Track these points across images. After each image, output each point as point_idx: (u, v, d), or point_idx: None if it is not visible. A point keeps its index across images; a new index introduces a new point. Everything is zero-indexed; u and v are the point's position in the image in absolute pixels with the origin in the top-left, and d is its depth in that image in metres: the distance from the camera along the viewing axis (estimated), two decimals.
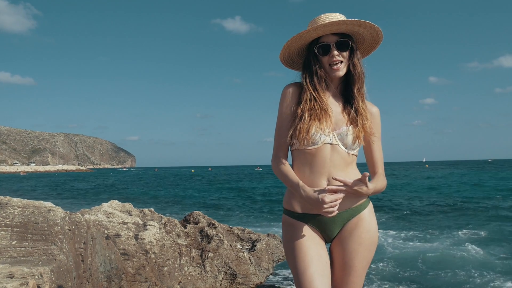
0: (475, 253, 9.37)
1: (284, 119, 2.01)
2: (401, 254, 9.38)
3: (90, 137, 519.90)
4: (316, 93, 1.96)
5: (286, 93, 2.03)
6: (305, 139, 1.90)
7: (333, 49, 1.94)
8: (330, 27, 1.90)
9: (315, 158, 1.93)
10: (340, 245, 1.96)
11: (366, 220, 1.97)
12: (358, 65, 1.99)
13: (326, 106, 1.95)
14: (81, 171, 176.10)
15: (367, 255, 1.95)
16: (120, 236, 4.84)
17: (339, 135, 1.94)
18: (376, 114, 2.07)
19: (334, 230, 1.97)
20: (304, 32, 1.92)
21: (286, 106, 2.01)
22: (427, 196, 24.72)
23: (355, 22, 1.89)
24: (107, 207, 5.55)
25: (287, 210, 2.03)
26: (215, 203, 23.53)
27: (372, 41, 2.03)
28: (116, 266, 4.38)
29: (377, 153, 2.06)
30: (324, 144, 1.92)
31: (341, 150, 1.94)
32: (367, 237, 1.95)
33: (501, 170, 67.75)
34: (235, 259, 5.73)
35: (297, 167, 1.98)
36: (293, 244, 1.93)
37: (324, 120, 1.92)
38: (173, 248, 5.45)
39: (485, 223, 13.61)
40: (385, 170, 2.12)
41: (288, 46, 2.00)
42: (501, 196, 23.31)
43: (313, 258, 1.86)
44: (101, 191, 37.36)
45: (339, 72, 1.96)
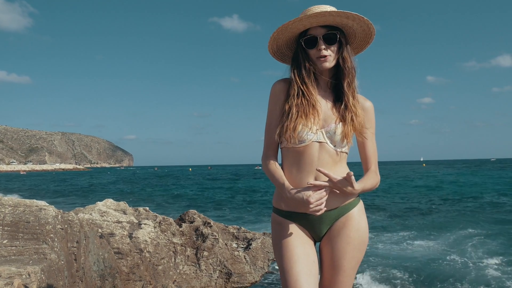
0: (472, 253, 9.38)
1: (273, 116, 1.97)
2: (398, 255, 9.38)
3: (87, 136, 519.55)
4: (304, 87, 1.91)
5: (274, 90, 1.99)
6: (292, 137, 1.86)
7: (320, 42, 1.88)
8: (316, 19, 1.85)
9: (303, 156, 1.89)
10: (328, 244, 1.93)
11: (355, 219, 1.92)
12: (348, 59, 1.93)
13: (314, 102, 1.90)
14: (78, 170, 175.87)
15: (356, 254, 1.91)
16: (114, 235, 4.82)
17: (327, 133, 1.90)
18: (369, 109, 2.02)
19: (322, 229, 1.94)
20: (290, 23, 1.87)
21: (274, 103, 1.98)
22: (423, 195, 24.76)
23: (342, 13, 1.84)
24: (102, 206, 5.52)
25: (275, 208, 2.00)
26: (212, 202, 23.51)
27: (364, 35, 1.98)
28: (110, 265, 4.36)
29: (370, 149, 2.01)
30: (311, 142, 1.88)
31: (329, 148, 1.89)
32: (356, 237, 1.91)
33: (502, 169, 67.95)
34: (230, 258, 5.72)
35: (286, 165, 1.95)
36: (280, 242, 1.90)
37: (312, 117, 1.88)
38: (168, 247, 5.42)
39: (484, 223, 13.63)
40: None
41: (275, 38, 1.95)
42: (499, 194, 23.37)
43: (299, 257, 1.83)
44: (97, 190, 37.30)
45: (326, 64, 1.90)
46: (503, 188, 27.93)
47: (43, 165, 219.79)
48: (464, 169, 70.58)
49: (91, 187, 43.23)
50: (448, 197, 22.84)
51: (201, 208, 20.22)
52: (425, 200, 21.46)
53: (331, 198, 1.88)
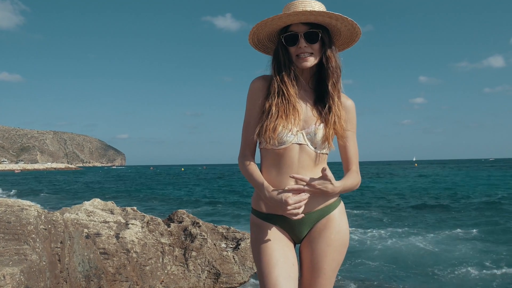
0: (464, 249, 9.41)
1: (251, 115, 1.91)
2: (388, 252, 9.38)
3: (79, 135, 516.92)
4: (284, 86, 1.84)
5: (253, 87, 1.92)
6: (272, 138, 1.80)
7: (301, 40, 1.81)
8: (297, 17, 1.78)
9: (283, 158, 1.83)
10: (308, 247, 1.88)
11: (336, 221, 1.88)
12: (332, 59, 1.86)
13: (295, 102, 1.84)
14: (70, 169, 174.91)
15: (337, 257, 1.87)
16: (100, 235, 4.76)
17: (308, 135, 1.84)
18: (350, 107, 1.95)
19: (302, 231, 1.89)
20: (269, 20, 1.80)
21: (253, 101, 1.91)
22: (415, 194, 24.85)
23: (325, 14, 1.77)
24: (89, 206, 5.46)
25: (254, 210, 1.95)
26: (204, 202, 23.41)
27: (349, 34, 1.92)
28: (96, 266, 4.30)
29: (352, 149, 1.96)
30: (292, 144, 1.82)
31: (309, 150, 1.84)
32: (337, 239, 1.86)
33: (499, 168, 68.42)
34: (219, 258, 5.68)
35: (264, 167, 1.89)
36: (259, 245, 1.85)
37: (292, 118, 1.82)
38: (156, 247, 5.37)
39: (477, 220, 13.70)
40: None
41: (255, 32, 1.88)
42: (494, 193, 23.51)
43: (278, 260, 1.78)
44: (87, 189, 37.02)
45: (306, 63, 1.83)
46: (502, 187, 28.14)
47: (34, 164, 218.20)
48: (466, 169, 71.02)
49: (82, 186, 42.95)
50: (439, 195, 22.95)
51: (193, 207, 20.14)
52: (414, 198, 21.54)
53: (311, 200, 1.83)
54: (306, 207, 1.83)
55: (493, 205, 18.03)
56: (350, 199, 21.55)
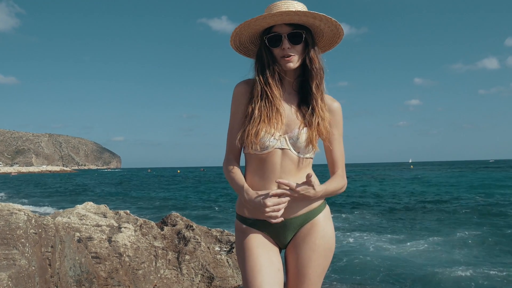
0: (457, 253, 9.41)
1: (235, 119, 1.89)
2: (384, 255, 9.38)
3: (75, 138, 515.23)
4: (268, 88, 1.81)
5: (236, 92, 1.90)
6: (254, 142, 1.78)
7: (285, 41, 1.79)
8: (280, 17, 1.75)
9: (265, 163, 1.81)
10: (293, 252, 1.86)
11: (321, 225, 1.85)
12: (316, 60, 1.84)
13: (278, 105, 1.81)
14: (65, 172, 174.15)
15: (322, 262, 1.84)
16: (92, 239, 4.73)
17: (290, 139, 1.81)
18: (337, 110, 1.92)
19: (287, 236, 1.87)
20: (252, 20, 1.77)
21: (236, 106, 1.89)
22: (410, 197, 24.90)
23: (309, 14, 1.75)
24: (81, 209, 5.42)
25: (238, 216, 1.93)
26: (198, 204, 23.33)
27: (332, 35, 1.89)
28: (87, 270, 4.26)
29: (337, 153, 1.93)
30: (274, 149, 1.80)
31: (292, 155, 1.82)
32: (322, 244, 1.84)
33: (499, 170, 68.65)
34: (213, 261, 5.64)
35: (248, 171, 1.87)
36: (243, 251, 1.83)
37: (275, 122, 1.79)
38: (149, 251, 5.34)
39: (471, 223, 13.72)
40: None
41: (237, 33, 1.85)
42: (484, 195, 23.57)
43: (263, 266, 1.75)
44: (81, 192, 36.79)
45: (290, 64, 1.81)
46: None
47: (29, 167, 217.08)
48: (467, 170, 71.16)
49: (76, 189, 42.71)
50: (433, 197, 22.99)
51: (187, 210, 20.07)
52: (409, 200, 21.58)
53: (295, 205, 1.81)
54: (290, 212, 1.81)
55: (489, 208, 18.08)
56: (343, 202, 21.57)
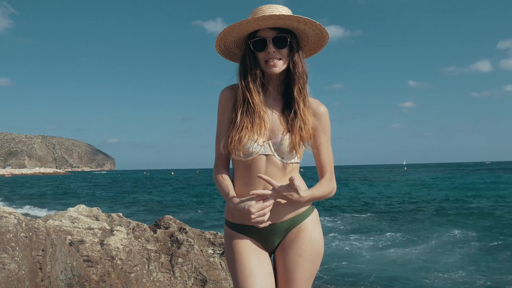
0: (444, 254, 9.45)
1: (221, 126, 1.88)
2: (377, 256, 9.40)
3: (68, 140, 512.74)
4: (249, 93, 1.81)
5: (222, 98, 1.89)
6: (237, 149, 1.77)
7: (269, 45, 1.78)
8: (265, 21, 1.74)
9: (250, 169, 1.80)
10: (281, 257, 1.85)
11: (308, 230, 1.84)
12: (299, 64, 1.83)
13: (261, 110, 1.81)
14: (58, 174, 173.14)
15: (310, 266, 1.83)
16: (84, 242, 4.70)
17: (274, 145, 1.81)
18: (323, 114, 1.91)
19: (274, 241, 1.86)
20: (236, 25, 1.76)
21: (222, 112, 1.89)
22: (402, 199, 24.98)
23: (294, 18, 1.74)
24: (73, 212, 5.39)
25: (227, 221, 1.92)
26: (192, 207, 23.26)
27: (317, 39, 1.89)
28: (79, 274, 4.23)
29: (325, 157, 1.92)
30: (258, 155, 1.79)
31: (276, 161, 1.81)
32: (309, 248, 1.83)
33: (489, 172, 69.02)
34: (206, 264, 5.62)
35: (235, 178, 1.87)
36: (233, 256, 1.82)
37: (258, 128, 1.78)
38: (142, 254, 5.31)
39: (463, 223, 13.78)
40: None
41: (222, 38, 1.84)
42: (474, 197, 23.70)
43: (253, 270, 1.74)
44: (73, 195, 36.51)
45: (275, 69, 1.80)
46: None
47: (22, 169, 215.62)
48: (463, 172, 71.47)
49: (69, 191, 42.41)
50: (427, 200, 23.08)
51: (181, 213, 20.01)
52: (398, 202, 21.64)
53: (282, 209, 1.80)
54: (277, 217, 1.81)
55: (484, 210, 18.18)
56: (335, 204, 21.59)
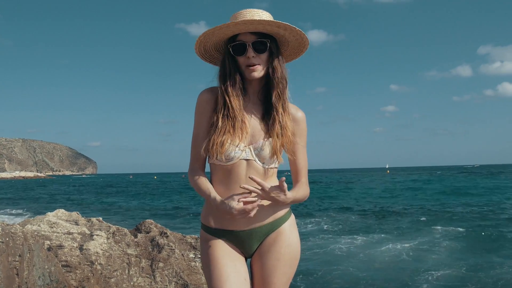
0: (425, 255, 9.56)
1: (199, 128, 1.88)
2: (361, 258, 9.46)
3: (49, 143, 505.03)
4: (228, 97, 1.80)
5: (200, 100, 1.88)
6: (219, 152, 1.77)
7: (249, 49, 1.78)
8: (245, 26, 1.75)
9: (231, 174, 1.81)
10: (259, 261, 1.86)
11: (286, 234, 1.86)
12: (278, 69, 1.83)
13: (242, 115, 1.81)
14: (39, 177, 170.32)
15: (287, 270, 1.85)
16: (63, 247, 4.64)
17: (255, 150, 1.81)
18: (301, 119, 1.93)
19: (252, 245, 1.87)
20: (216, 29, 1.76)
21: (200, 115, 1.88)
22: (381, 201, 25.21)
23: (273, 23, 1.74)
24: (52, 217, 5.33)
25: (204, 225, 1.92)
26: (174, 211, 23.08)
27: (297, 44, 1.90)
28: (57, 279, 4.18)
29: (301, 162, 1.94)
30: (239, 160, 1.79)
31: (257, 166, 1.82)
32: (287, 252, 1.84)
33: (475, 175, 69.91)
34: (187, 268, 5.60)
35: (214, 182, 1.87)
36: (209, 261, 1.82)
37: (240, 132, 1.79)
38: (122, 259, 5.27)
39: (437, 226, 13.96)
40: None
41: (202, 41, 1.84)
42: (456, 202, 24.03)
43: (229, 276, 1.75)
44: (53, 200, 35.80)
45: (254, 73, 1.80)
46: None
47: (2, 173, 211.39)
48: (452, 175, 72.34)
49: (48, 196, 41.65)
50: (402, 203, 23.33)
51: (163, 217, 19.85)
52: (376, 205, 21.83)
53: (261, 214, 1.81)
54: (255, 221, 1.82)
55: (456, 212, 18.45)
56: (317, 207, 21.68)
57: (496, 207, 20.06)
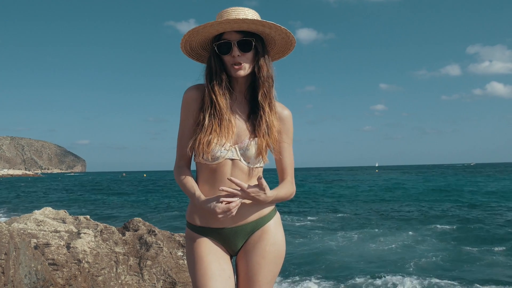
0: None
1: (185, 126, 1.87)
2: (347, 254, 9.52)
3: (38, 141, 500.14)
4: (216, 97, 1.80)
5: (186, 98, 1.88)
6: (206, 152, 1.76)
7: (234, 48, 1.77)
8: (229, 25, 1.75)
9: (216, 174, 1.81)
10: (244, 259, 1.87)
11: (271, 232, 1.87)
12: (264, 68, 1.83)
13: (228, 115, 1.81)
14: (27, 176, 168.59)
15: (272, 268, 1.86)
16: (49, 245, 4.62)
17: (241, 150, 1.81)
18: (287, 118, 1.92)
19: (237, 243, 1.87)
20: (201, 27, 1.76)
21: (186, 112, 1.87)
22: (368, 199, 25.37)
23: (258, 22, 1.74)
24: (39, 215, 5.30)
25: (189, 223, 1.92)
26: (163, 209, 22.96)
27: (284, 43, 1.89)
28: (43, 277, 4.17)
29: (287, 160, 1.94)
30: (224, 160, 1.79)
31: (242, 166, 1.82)
32: (272, 250, 1.85)
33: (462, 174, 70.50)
34: (175, 266, 5.60)
35: (199, 180, 1.87)
36: (194, 259, 1.83)
37: (226, 132, 1.78)
38: (109, 257, 5.25)
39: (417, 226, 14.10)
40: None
41: (187, 40, 1.83)
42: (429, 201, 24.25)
43: (213, 274, 1.76)
44: (40, 198, 35.34)
45: (240, 72, 1.80)
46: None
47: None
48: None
49: (36, 194, 41.15)
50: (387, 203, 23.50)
51: (150, 215, 19.76)
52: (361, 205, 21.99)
53: (245, 211, 1.82)
54: (240, 219, 1.82)
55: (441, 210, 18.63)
56: (303, 206, 21.76)
57: (485, 206, 20.29)
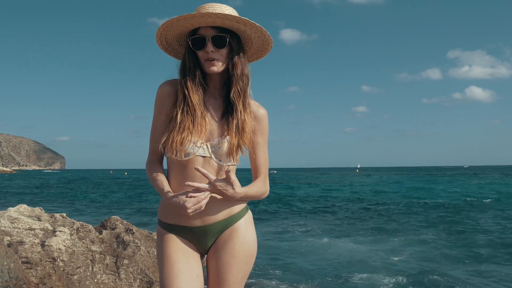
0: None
1: (158, 122, 1.85)
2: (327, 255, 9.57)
3: (16, 137, 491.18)
4: (189, 93, 1.78)
5: (160, 93, 1.85)
6: (178, 150, 1.74)
7: (208, 44, 1.75)
8: (203, 19, 1.72)
9: (185, 170, 1.79)
10: (213, 258, 1.86)
11: (242, 231, 1.85)
12: (239, 65, 1.80)
13: (201, 111, 1.79)
14: (4, 172, 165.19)
15: (243, 268, 1.84)
16: (23, 243, 4.54)
17: (212, 147, 1.79)
18: (262, 117, 1.91)
19: (207, 242, 1.86)
20: (174, 20, 1.73)
21: (159, 108, 1.85)
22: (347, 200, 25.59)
23: (232, 17, 1.72)
24: (13, 212, 5.20)
25: (159, 220, 1.91)
26: (142, 208, 22.71)
27: (260, 42, 1.88)
28: (16, 276, 4.09)
29: (261, 159, 1.92)
30: (195, 157, 1.77)
31: (213, 163, 1.80)
32: (242, 249, 1.83)
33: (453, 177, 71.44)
34: (152, 265, 5.56)
35: (170, 176, 1.85)
36: (162, 256, 1.81)
37: (199, 129, 1.76)
38: (85, 255, 5.19)
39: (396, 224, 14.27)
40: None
41: (162, 33, 1.81)
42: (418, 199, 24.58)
43: (180, 272, 1.74)
44: (16, 195, 34.57)
45: (213, 68, 1.77)
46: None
47: None
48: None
49: (12, 191, 40.29)
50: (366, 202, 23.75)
51: (129, 213, 19.57)
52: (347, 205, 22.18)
53: (215, 210, 1.81)
54: (210, 218, 1.81)
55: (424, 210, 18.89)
56: (285, 207, 21.80)
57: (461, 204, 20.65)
